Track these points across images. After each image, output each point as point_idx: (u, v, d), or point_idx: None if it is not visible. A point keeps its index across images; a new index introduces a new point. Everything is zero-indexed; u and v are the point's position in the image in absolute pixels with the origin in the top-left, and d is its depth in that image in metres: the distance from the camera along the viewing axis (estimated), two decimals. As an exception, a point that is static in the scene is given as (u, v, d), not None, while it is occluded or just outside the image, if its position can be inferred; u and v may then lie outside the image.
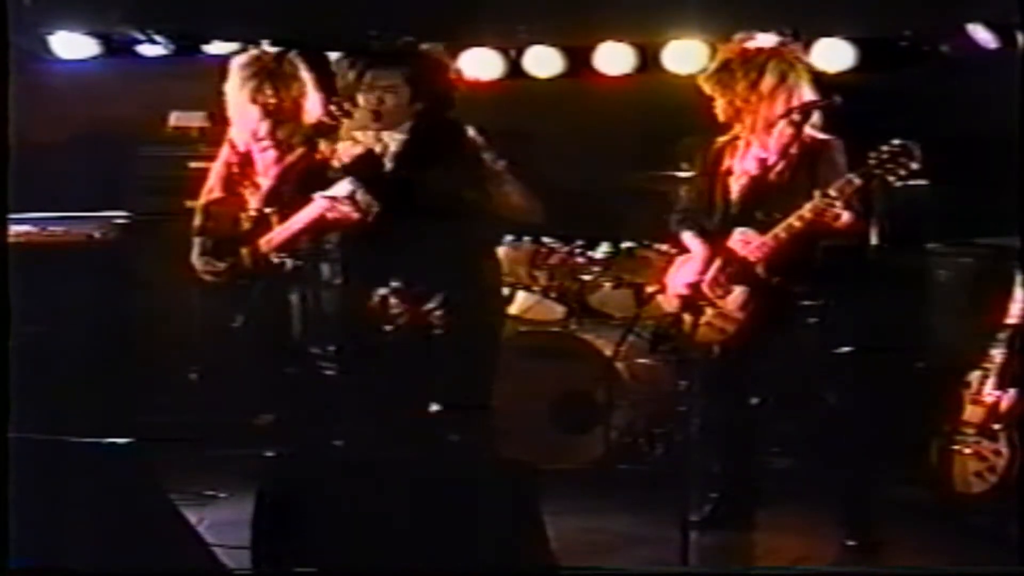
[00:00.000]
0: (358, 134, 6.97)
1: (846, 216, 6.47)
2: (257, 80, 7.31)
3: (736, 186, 6.75)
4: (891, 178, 6.41)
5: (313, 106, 7.31)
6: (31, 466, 5.73)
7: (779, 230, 6.54)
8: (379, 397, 7.32)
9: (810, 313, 6.59)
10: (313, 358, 7.11)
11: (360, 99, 6.88)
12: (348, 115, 6.86)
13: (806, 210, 6.48)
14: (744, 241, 6.63)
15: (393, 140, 6.94)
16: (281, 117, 7.32)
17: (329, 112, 6.90)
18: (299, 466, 6.51)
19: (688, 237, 6.87)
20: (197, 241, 7.28)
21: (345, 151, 7.01)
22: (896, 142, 6.38)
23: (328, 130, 7.11)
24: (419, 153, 6.88)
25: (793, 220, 6.51)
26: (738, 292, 6.64)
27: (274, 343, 7.23)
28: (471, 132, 6.94)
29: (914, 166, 6.37)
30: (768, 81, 6.66)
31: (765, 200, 6.66)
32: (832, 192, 6.43)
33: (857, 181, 6.44)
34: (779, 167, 6.68)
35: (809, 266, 6.59)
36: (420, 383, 7.01)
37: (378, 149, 6.94)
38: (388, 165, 6.93)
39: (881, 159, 6.39)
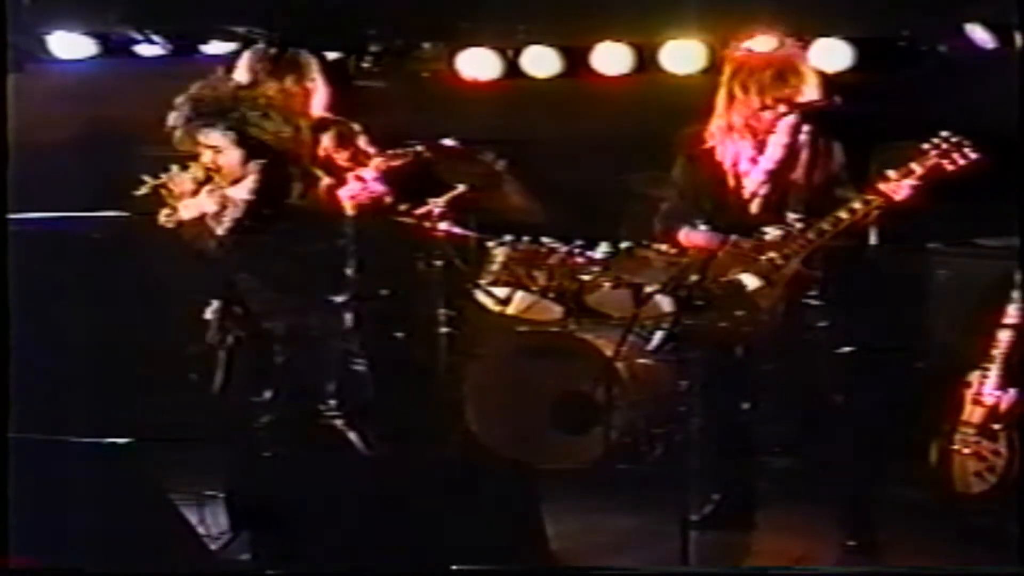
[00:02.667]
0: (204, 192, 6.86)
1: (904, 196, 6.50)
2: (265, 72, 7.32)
3: (747, 185, 6.74)
4: (950, 168, 6.43)
5: (320, 100, 7.33)
6: (31, 466, 5.73)
7: (824, 223, 6.54)
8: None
9: (818, 313, 6.60)
10: None
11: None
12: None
13: (857, 201, 6.49)
14: (780, 237, 6.61)
15: (230, 197, 6.84)
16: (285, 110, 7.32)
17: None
18: (289, 465, 6.52)
19: (689, 236, 6.87)
20: None
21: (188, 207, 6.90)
22: (946, 134, 6.42)
23: (329, 125, 7.16)
24: (264, 210, 6.81)
25: (842, 212, 6.51)
26: (771, 289, 6.62)
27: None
28: (325, 182, 6.90)
29: (973, 156, 6.40)
30: (770, 83, 6.67)
31: (783, 198, 6.66)
32: (894, 177, 6.45)
33: (919, 170, 6.45)
34: (788, 167, 6.68)
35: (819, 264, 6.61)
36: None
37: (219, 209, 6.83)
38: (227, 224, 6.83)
39: (940, 148, 6.42)
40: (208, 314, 6.79)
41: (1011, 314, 6.87)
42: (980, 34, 7.82)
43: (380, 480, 6.17)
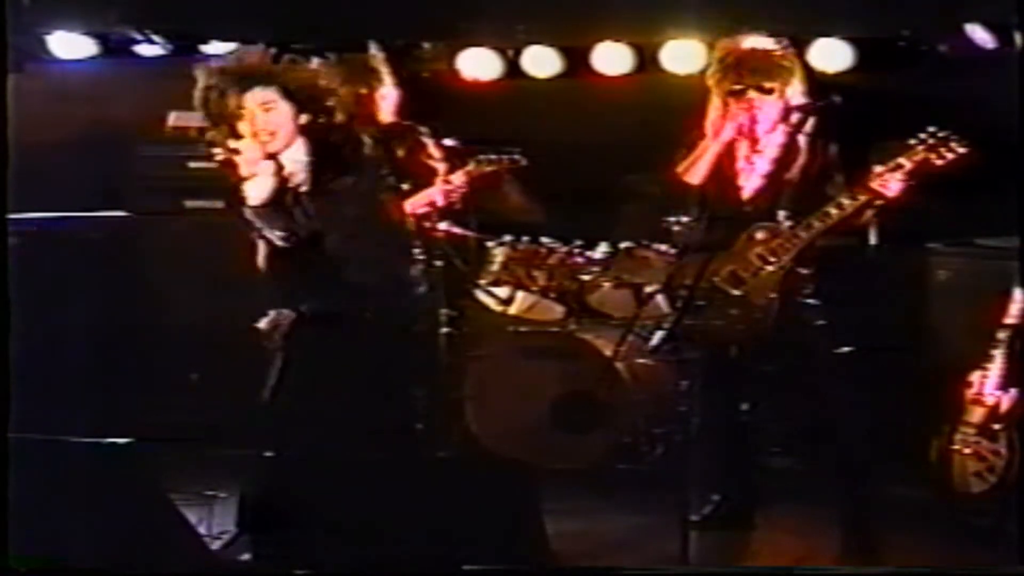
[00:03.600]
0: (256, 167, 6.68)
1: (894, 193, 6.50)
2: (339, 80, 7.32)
3: (745, 185, 6.75)
4: (938, 162, 6.44)
5: (390, 104, 7.35)
6: (31, 466, 5.73)
7: (813, 219, 6.54)
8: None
9: (816, 312, 6.60)
10: None
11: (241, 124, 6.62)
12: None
13: (845, 197, 6.49)
14: (770, 235, 6.61)
15: (291, 161, 6.67)
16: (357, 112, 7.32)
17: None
18: (293, 466, 6.52)
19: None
20: None
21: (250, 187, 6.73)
22: (933, 129, 6.44)
23: (402, 131, 7.17)
24: (324, 169, 6.63)
25: (831, 208, 6.51)
26: (766, 286, 6.62)
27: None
28: (367, 140, 6.81)
29: (961, 151, 6.41)
30: (766, 82, 6.66)
31: (779, 197, 6.66)
32: (882, 172, 6.46)
33: (907, 165, 6.46)
34: (785, 166, 6.69)
35: (817, 263, 6.62)
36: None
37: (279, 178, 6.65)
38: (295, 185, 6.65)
39: (928, 143, 6.42)
40: (263, 324, 6.67)
41: (1011, 314, 6.88)
42: (980, 34, 7.83)
43: (380, 480, 6.16)
